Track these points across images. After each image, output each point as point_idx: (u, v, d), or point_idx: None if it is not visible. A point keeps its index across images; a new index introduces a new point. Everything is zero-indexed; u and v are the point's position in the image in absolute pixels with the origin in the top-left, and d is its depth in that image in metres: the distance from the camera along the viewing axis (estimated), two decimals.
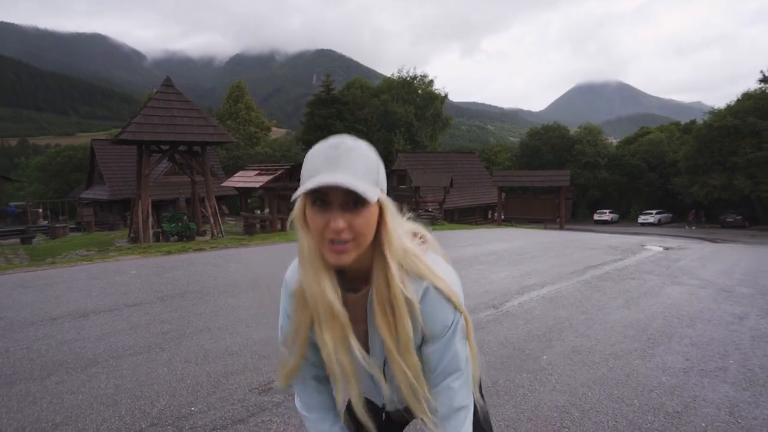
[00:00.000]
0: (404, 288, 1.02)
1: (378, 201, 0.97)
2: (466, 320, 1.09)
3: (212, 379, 3.33)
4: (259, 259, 9.12)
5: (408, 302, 1.02)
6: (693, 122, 45.90)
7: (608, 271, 7.79)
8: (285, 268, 1.19)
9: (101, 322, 4.69)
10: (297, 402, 1.26)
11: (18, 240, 17.68)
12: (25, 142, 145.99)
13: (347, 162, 0.93)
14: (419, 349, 1.09)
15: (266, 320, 4.69)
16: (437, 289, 1.05)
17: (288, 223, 1.06)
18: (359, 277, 1.07)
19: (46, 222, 24.93)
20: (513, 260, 8.82)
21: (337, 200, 0.93)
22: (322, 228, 0.95)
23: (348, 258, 0.96)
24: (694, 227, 33.02)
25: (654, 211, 37.67)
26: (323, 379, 1.22)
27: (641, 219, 37.06)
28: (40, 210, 28.32)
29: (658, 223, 36.37)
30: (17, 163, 61.82)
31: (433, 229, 15.35)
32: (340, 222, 0.93)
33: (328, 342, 1.04)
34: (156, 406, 2.96)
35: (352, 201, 0.93)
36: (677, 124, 51.60)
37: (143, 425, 2.74)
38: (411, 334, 1.03)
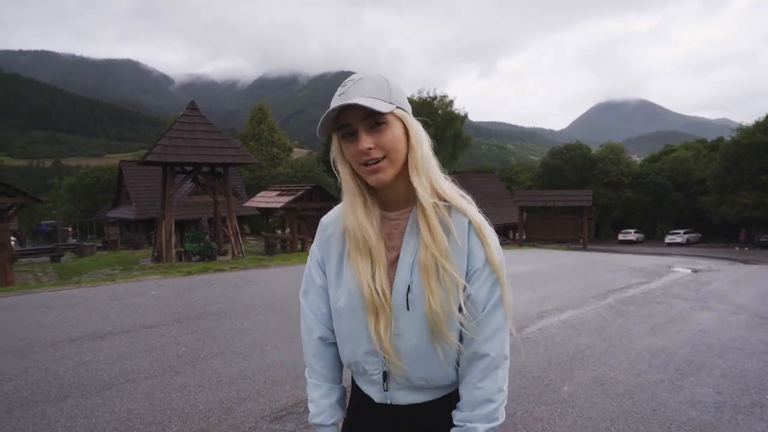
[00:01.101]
0: (441, 212, 1.05)
1: (400, 120, 1.04)
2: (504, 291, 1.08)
3: (224, 405, 3.29)
4: (278, 280, 9.12)
5: (443, 223, 1.05)
6: (720, 139, 44.80)
7: (633, 294, 7.54)
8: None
9: (118, 343, 4.72)
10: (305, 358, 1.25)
11: (48, 258, 18.15)
12: (58, 164, 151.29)
13: (355, 90, 1.00)
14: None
15: (281, 344, 4.65)
16: (481, 227, 1.07)
17: (331, 162, 1.12)
18: (399, 200, 1.11)
19: (75, 240, 25.59)
20: (533, 283, 8.63)
21: (360, 126, 1.01)
22: (356, 154, 1.03)
23: (385, 175, 1.03)
24: (747, 248, 31.59)
25: (682, 231, 36.63)
26: (327, 343, 1.20)
27: (668, 239, 36.04)
28: (70, 229, 29.15)
29: (687, 243, 35.31)
30: (50, 184, 63.95)
31: None
32: (365, 141, 1.00)
33: (361, 268, 1.07)
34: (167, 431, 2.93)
35: (373, 123, 1.01)
36: (703, 141, 50.47)
37: None
38: (448, 245, 1.03)
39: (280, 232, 26.40)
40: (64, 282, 9.69)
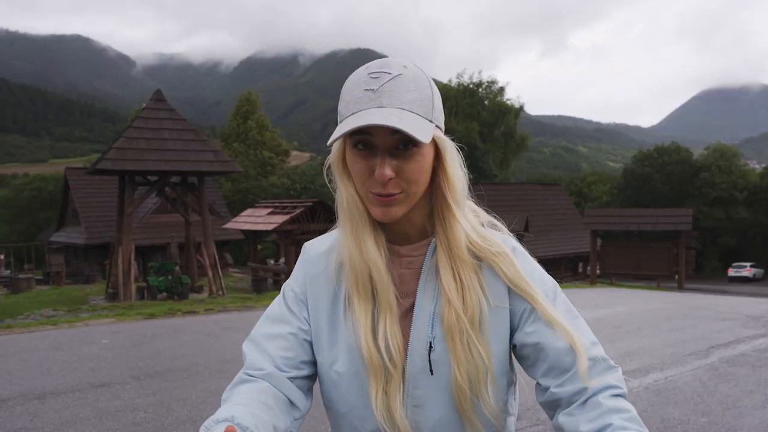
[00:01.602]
0: (476, 246, 1.06)
1: (434, 140, 1.00)
2: None
3: None
4: None
5: (478, 264, 1.06)
6: None
7: (744, 351, 7.46)
8: None
9: (61, 406, 4.90)
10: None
11: None
12: None
13: (392, 93, 0.96)
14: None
15: None
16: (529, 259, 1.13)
17: (324, 170, 1.11)
18: (412, 232, 1.10)
19: (8, 272, 26.36)
20: (610, 334, 8.60)
21: (382, 142, 0.97)
22: (365, 176, 0.99)
23: (397, 212, 1.01)
24: None
25: None
26: (283, 402, 1.05)
27: None
28: (2, 257, 30.01)
29: None
30: None
31: None
32: (387, 170, 0.96)
33: (361, 318, 1.04)
34: None
35: (402, 142, 0.97)
36: None
37: None
38: (484, 304, 1.04)
39: (272, 262, 26.67)
40: None
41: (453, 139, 1.09)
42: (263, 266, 24.08)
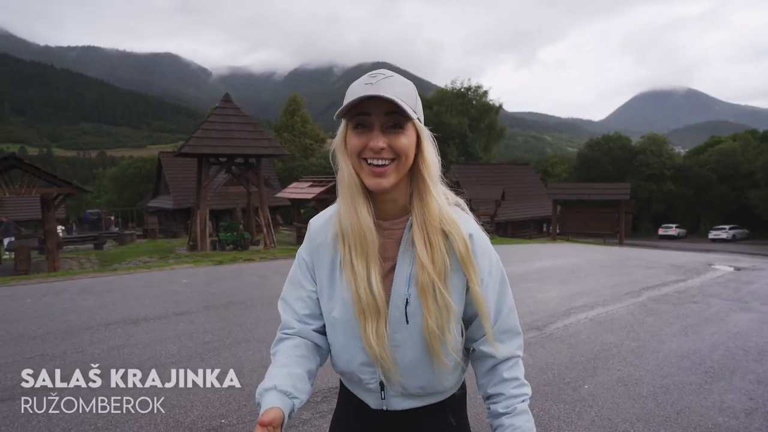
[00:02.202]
0: (445, 221, 1.04)
1: (415, 129, 1.01)
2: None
3: (245, 391, 3.38)
4: None
5: (445, 234, 1.04)
6: None
7: (668, 292, 7.27)
8: None
9: (150, 329, 4.92)
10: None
11: (92, 245, 19.02)
12: (104, 155, 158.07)
13: (386, 86, 0.95)
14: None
15: None
16: (483, 240, 1.08)
17: (330, 154, 1.08)
18: (395, 209, 1.07)
19: (117, 229, 26.66)
20: (564, 278, 8.44)
21: (377, 122, 0.97)
22: (360, 148, 0.98)
23: (388, 181, 0.98)
24: None
25: (727, 227, 35.01)
26: (311, 347, 1.12)
27: (712, 235, 34.57)
28: (112, 218, 30.41)
29: (732, 240, 33.75)
30: (95, 174, 66.89)
31: None
32: (380, 140, 0.96)
33: (359, 270, 1.02)
34: (189, 416, 3.04)
35: (392, 123, 0.97)
36: (754, 132, 47.89)
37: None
38: (448, 264, 1.02)
39: None
40: (103, 269, 10.14)
41: (431, 130, 1.06)
42: (304, 225, 24.08)
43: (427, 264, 1.00)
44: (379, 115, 0.96)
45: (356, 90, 0.96)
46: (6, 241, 15.60)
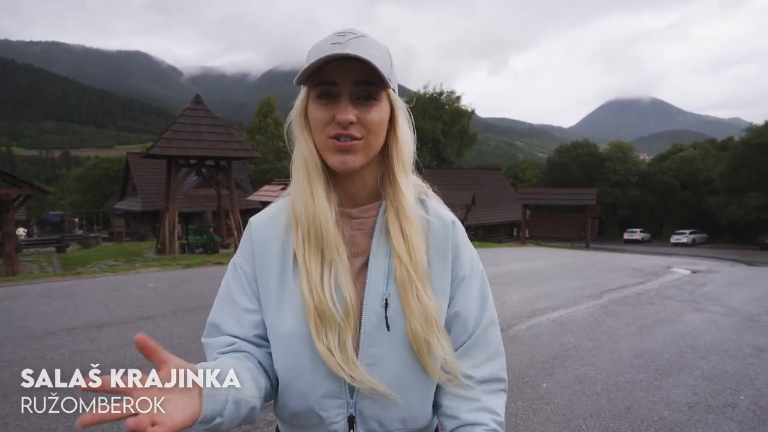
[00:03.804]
0: (423, 207, 0.90)
1: (390, 102, 0.84)
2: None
3: None
4: None
5: (424, 224, 0.88)
6: (730, 139, 44.41)
7: (627, 295, 7.58)
8: None
9: (114, 334, 4.85)
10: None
11: (54, 248, 18.42)
12: (68, 154, 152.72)
13: (358, 46, 0.77)
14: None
15: None
16: (463, 231, 0.92)
17: (285, 130, 0.89)
18: (363, 193, 0.89)
19: (81, 231, 25.89)
20: (529, 281, 8.68)
21: (346, 91, 0.79)
22: (326, 121, 0.80)
23: (355, 160, 0.80)
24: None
25: (687, 231, 36.41)
26: (258, 365, 0.85)
27: (674, 239, 35.86)
28: (76, 220, 29.48)
29: (692, 244, 35.12)
30: (59, 174, 64.70)
31: None
32: (349, 113, 0.78)
33: (313, 270, 0.82)
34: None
35: (364, 94, 0.79)
36: (713, 141, 50.07)
37: None
38: (425, 259, 0.85)
39: None
40: (66, 273, 9.87)
41: (406, 102, 0.89)
42: None
43: (404, 256, 0.83)
44: (347, 84, 0.78)
45: (321, 49, 0.78)
46: None
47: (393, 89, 0.84)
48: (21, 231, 19.78)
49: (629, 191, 41.91)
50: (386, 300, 0.83)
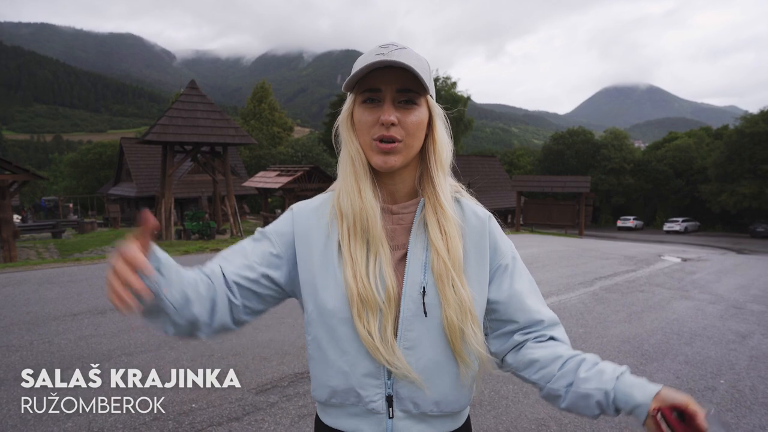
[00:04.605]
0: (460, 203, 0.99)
1: (428, 107, 0.93)
2: None
3: (245, 389, 3.50)
4: None
5: (460, 219, 0.96)
6: (725, 128, 44.61)
7: (618, 282, 7.76)
8: None
9: (117, 319, 4.97)
10: None
11: (49, 234, 18.42)
12: (60, 139, 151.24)
13: (400, 56, 0.86)
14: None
15: (271, 323, 4.90)
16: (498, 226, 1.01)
17: (333, 132, 0.97)
18: (403, 191, 0.97)
19: (76, 217, 25.84)
20: None
21: (389, 96, 0.88)
22: (371, 124, 0.89)
23: (395, 160, 0.89)
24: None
25: (680, 219, 36.80)
26: (223, 292, 0.90)
27: (666, 227, 36.26)
28: (71, 205, 29.37)
29: (685, 232, 35.54)
30: (51, 159, 64.14)
31: None
32: (392, 115, 0.87)
33: (359, 259, 0.90)
34: (189, 416, 3.13)
35: (405, 99, 0.89)
36: (707, 129, 50.27)
37: (147, 419, 2.95)
38: (461, 252, 0.93)
39: (279, 211, 26.60)
40: (66, 259, 9.95)
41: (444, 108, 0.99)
42: (271, 214, 23.98)
43: (442, 249, 0.91)
44: (390, 90, 0.87)
45: (367, 59, 0.87)
46: None
47: (431, 95, 0.93)
48: (16, 217, 19.75)
49: (624, 179, 42.16)
50: (424, 288, 0.90)
